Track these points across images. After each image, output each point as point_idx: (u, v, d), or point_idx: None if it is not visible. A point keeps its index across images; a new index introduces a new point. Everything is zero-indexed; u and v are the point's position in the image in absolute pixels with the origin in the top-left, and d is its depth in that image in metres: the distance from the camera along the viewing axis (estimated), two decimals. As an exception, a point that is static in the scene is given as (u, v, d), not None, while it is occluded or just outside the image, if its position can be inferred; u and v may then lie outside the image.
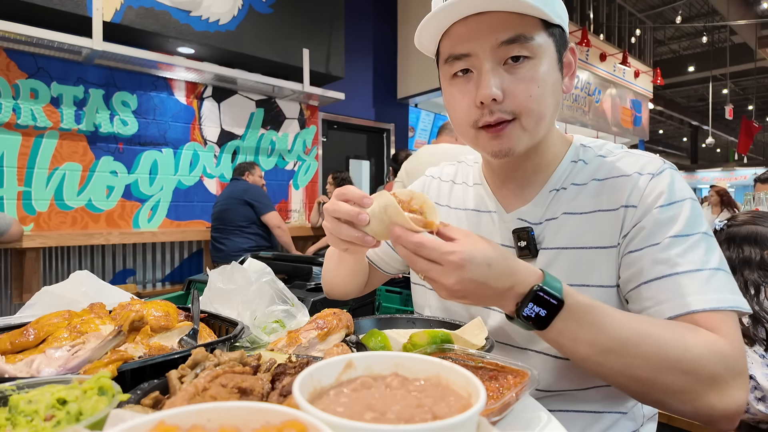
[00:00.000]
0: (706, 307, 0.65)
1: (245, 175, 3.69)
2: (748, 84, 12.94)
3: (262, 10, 4.06)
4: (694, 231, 0.70)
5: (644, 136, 9.28)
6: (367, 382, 0.41)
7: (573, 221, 0.79)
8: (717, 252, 0.71)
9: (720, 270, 0.68)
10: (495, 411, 0.50)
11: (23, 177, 3.39)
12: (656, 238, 0.71)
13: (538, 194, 0.83)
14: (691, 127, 16.79)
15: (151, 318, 0.74)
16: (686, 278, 0.68)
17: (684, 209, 0.72)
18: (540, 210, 0.82)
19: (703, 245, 0.70)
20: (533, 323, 0.62)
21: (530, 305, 0.62)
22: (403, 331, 0.85)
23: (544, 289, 0.62)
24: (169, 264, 4.06)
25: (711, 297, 0.66)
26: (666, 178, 0.75)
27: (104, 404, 0.46)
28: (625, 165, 0.79)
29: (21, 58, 3.33)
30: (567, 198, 0.81)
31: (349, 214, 0.65)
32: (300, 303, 0.98)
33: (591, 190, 0.79)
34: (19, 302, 3.23)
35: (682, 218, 0.71)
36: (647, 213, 0.73)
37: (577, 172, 0.82)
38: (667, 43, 12.13)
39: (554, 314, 0.62)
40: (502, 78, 0.72)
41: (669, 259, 0.69)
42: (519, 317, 0.63)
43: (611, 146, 0.85)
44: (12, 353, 0.66)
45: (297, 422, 0.32)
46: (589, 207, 0.78)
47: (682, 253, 0.69)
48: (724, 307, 0.66)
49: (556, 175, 0.83)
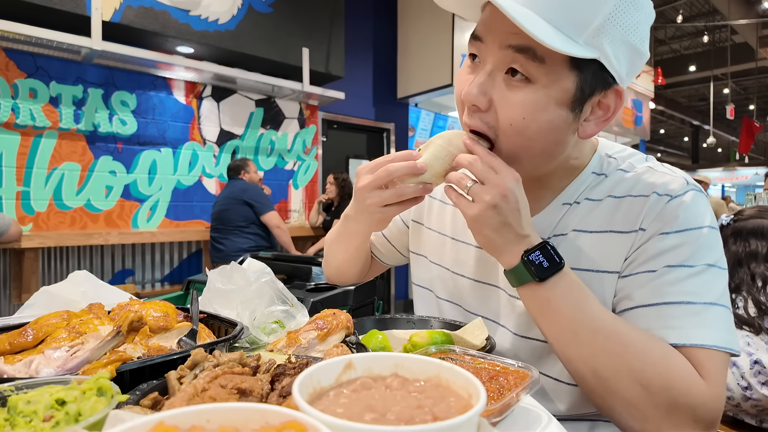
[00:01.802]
0: (686, 343, 0.61)
1: (241, 173, 3.68)
2: (749, 83, 12.95)
3: (261, 9, 4.06)
4: (698, 262, 0.65)
5: (645, 136, 9.28)
6: (367, 383, 0.41)
7: (582, 240, 0.74)
8: (719, 286, 0.65)
9: (716, 305, 0.63)
10: (495, 412, 0.50)
11: (22, 177, 3.38)
12: (652, 265, 0.67)
13: (549, 206, 0.78)
14: (692, 126, 16.79)
15: (150, 318, 0.74)
16: (673, 309, 0.64)
17: (693, 238, 0.66)
18: (549, 224, 0.77)
19: (704, 277, 0.65)
20: (534, 270, 0.64)
21: (537, 253, 0.64)
22: (403, 332, 0.85)
23: (553, 246, 0.65)
24: (168, 264, 4.06)
25: (696, 332, 0.61)
26: (684, 203, 0.68)
27: (103, 405, 0.46)
28: (646, 184, 0.72)
29: (20, 57, 3.33)
30: (579, 214, 0.75)
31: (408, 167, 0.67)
32: (299, 303, 0.98)
33: (606, 208, 0.73)
34: (17, 302, 3.23)
35: (687, 247, 0.66)
36: (652, 237, 0.68)
37: (594, 185, 0.76)
38: (668, 43, 12.13)
39: (555, 270, 0.64)
40: (495, 86, 0.65)
41: (659, 287, 0.65)
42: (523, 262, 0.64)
43: (636, 159, 0.78)
44: (11, 354, 0.65)
45: (296, 423, 0.32)
46: (601, 226, 0.73)
47: (675, 282, 0.65)
48: (710, 345, 0.61)
49: (573, 187, 0.77)
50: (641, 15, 0.63)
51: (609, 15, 0.60)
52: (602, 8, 0.60)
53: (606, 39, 0.61)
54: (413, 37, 5.52)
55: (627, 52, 0.63)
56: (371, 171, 0.71)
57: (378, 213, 0.72)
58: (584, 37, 0.60)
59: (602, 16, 0.60)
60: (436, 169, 0.68)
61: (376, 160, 0.72)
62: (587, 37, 0.60)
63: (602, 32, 0.60)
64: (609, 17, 0.60)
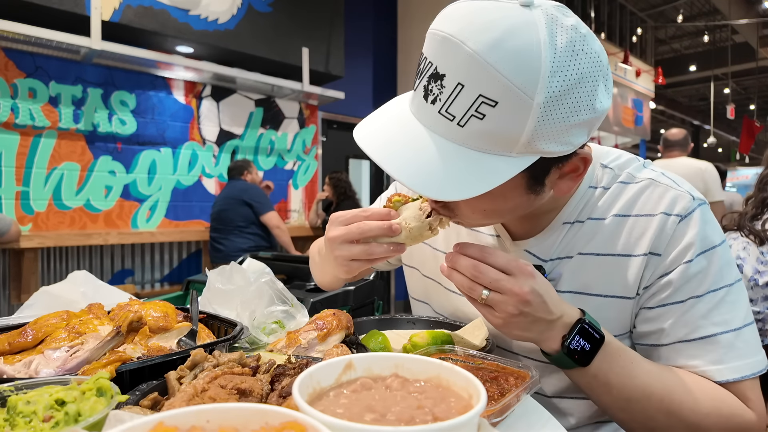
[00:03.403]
0: (729, 379, 0.65)
1: (244, 174, 3.68)
2: (750, 83, 12.93)
3: (261, 8, 4.06)
4: (720, 285, 0.67)
5: (645, 136, 9.29)
6: (367, 383, 0.41)
7: (590, 264, 0.72)
8: (743, 304, 0.68)
9: (744, 327, 0.66)
10: (496, 412, 0.50)
11: (21, 177, 3.38)
12: (680, 296, 0.67)
13: (549, 225, 0.74)
14: (692, 126, 16.78)
15: (149, 319, 0.74)
16: (709, 344, 0.66)
17: (713, 261, 0.67)
18: (551, 244, 0.74)
19: (729, 300, 0.67)
20: (578, 357, 0.61)
21: (577, 338, 0.61)
22: (404, 332, 0.85)
23: (590, 322, 0.62)
24: (167, 264, 4.05)
25: (734, 365, 0.65)
26: (695, 223, 0.67)
27: (103, 405, 0.46)
28: (650, 200, 0.70)
29: (19, 57, 3.32)
30: (584, 236, 0.73)
31: (382, 228, 0.65)
32: (299, 303, 0.98)
33: (611, 229, 0.71)
34: (17, 303, 3.22)
35: (710, 273, 0.67)
36: (673, 266, 0.67)
37: (596, 201, 0.73)
38: (668, 43, 12.12)
39: (597, 349, 0.61)
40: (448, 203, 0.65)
41: (692, 321, 0.67)
42: (564, 351, 0.61)
43: (634, 167, 0.74)
44: (10, 354, 0.65)
45: (296, 423, 0.32)
46: (608, 248, 0.71)
47: (707, 314, 0.66)
48: (749, 375, 0.65)
49: (572, 204, 0.73)
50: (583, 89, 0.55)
51: (535, 126, 0.54)
52: (524, 125, 0.54)
53: (542, 141, 0.55)
54: (413, 37, 5.52)
55: (576, 130, 0.57)
56: (344, 223, 0.69)
57: (345, 266, 0.70)
58: (516, 149, 0.56)
59: (528, 131, 0.54)
60: (412, 233, 0.66)
61: (353, 212, 0.70)
62: (519, 149, 0.56)
63: (535, 140, 0.55)
64: (536, 127, 0.54)
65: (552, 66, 0.52)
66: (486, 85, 0.52)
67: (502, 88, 0.52)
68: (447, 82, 0.55)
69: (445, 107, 0.56)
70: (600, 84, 0.57)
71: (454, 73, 0.55)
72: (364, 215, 0.68)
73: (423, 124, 0.60)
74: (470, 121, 0.55)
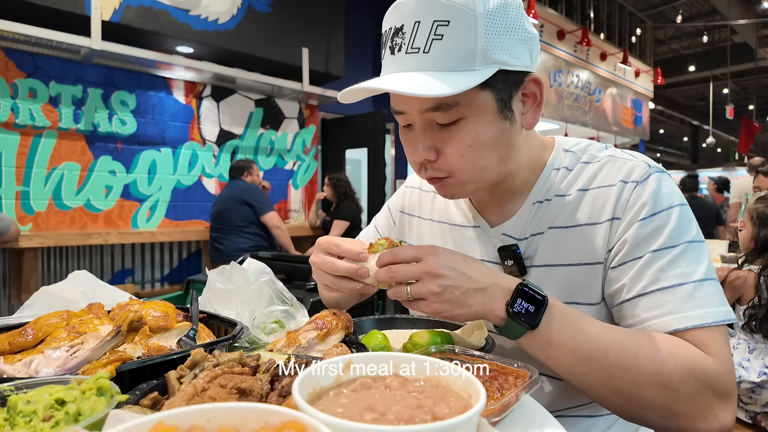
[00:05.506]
0: (688, 326, 0.65)
1: (244, 174, 3.68)
2: (749, 83, 12.94)
3: (261, 9, 4.06)
4: (678, 242, 0.69)
5: (645, 136, 9.29)
6: (367, 383, 0.41)
7: (560, 236, 0.77)
8: (703, 261, 0.69)
9: (706, 280, 0.67)
10: (495, 411, 0.50)
11: (21, 177, 3.38)
12: (638, 252, 0.70)
13: (521, 208, 0.81)
14: (691, 126, 16.78)
15: (149, 318, 0.74)
16: (667, 294, 0.67)
17: (668, 219, 0.70)
18: (524, 224, 0.80)
19: (688, 256, 0.68)
20: (525, 320, 0.63)
21: (519, 300, 0.64)
22: (403, 332, 0.85)
23: (529, 285, 0.65)
24: (167, 264, 4.06)
25: (694, 314, 0.65)
26: (651, 186, 0.72)
27: (103, 405, 0.46)
28: (610, 173, 0.76)
29: (19, 57, 3.33)
30: (552, 211, 0.79)
31: (349, 270, 0.70)
32: (299, 303, 0.98)
33: (575, 202, 0.77)
34: (17, 302, 3.22)
35: (665, 230, 0.69)
36: (630, 226, 0.71)
37: (560, 181, 0.80)
38: (667, 43, 12.13)
39: (541, 308, 0.64)
40: (434, 138, 0.71)
41: (650, 274, 0.68)
42: (510, 316, 0.64)
43: (595, 149, 0.82)
44: (10, 353, 0.65)
45: (296, 423, 0.32)
46: (575, 220, 0.77)
47: (665, 267, 0.68)
48: (708, 323, 0.65)
49: (538, 186, 0.80)
50: (511, 12, 0.67)
51: (485, 34, 0.65)
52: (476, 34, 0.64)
53: (496, 51, 0.66)
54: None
55: (520, 46, 0.68)
56: (324, 251, 0.75)
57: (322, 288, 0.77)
58: (477, 61, 0.65)
59: (480, 39, 0.65)
60: (380, 276, 0.68)
61: (335, 240, 0.75)
62: (480, 60, 0.65)
63: (489, 49, 0.65)
64: (486, 36, 0.65)
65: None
66: (436, 11, 0.64)
67: (449, 9, 0.64)
68: (406, 28, 0.67)
69: (410, 45, 0.66)
70: (522, 12, 0.70)
71: (410, 17, 0.66)
72: (341, 249, 0.73)
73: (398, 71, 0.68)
74: (433, 45, 0.65)
